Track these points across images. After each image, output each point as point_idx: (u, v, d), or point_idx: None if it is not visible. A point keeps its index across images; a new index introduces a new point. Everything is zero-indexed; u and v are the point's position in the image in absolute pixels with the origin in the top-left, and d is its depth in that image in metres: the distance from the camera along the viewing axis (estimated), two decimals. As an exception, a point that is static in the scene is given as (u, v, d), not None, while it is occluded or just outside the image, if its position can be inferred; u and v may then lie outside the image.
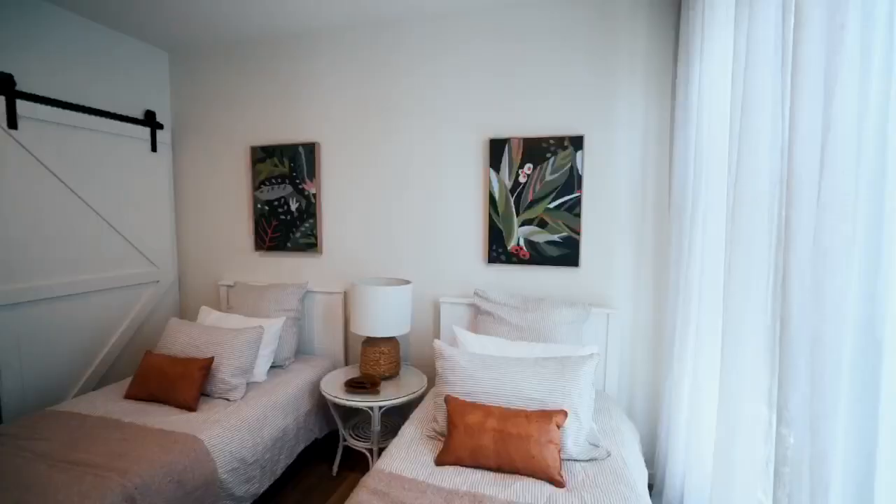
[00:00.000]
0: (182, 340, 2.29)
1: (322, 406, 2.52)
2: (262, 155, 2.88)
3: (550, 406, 1.69)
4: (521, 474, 1.55)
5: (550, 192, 2.39)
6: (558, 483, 1.50)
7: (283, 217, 2.89)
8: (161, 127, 2.98)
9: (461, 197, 2.56)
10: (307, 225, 2.84)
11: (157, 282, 3.02)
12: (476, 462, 1.59)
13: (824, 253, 0.89)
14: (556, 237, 2.40)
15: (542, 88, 2.37)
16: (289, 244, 2.89)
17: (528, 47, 2.37)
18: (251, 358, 2.26)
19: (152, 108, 2.96)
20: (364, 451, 2.31)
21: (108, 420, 1.91)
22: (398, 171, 2.66)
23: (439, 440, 1.78)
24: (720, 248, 1.55)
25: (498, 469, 1.57)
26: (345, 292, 2.81)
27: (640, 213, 2.30)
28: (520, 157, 2.42)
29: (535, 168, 2.40)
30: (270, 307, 2.67)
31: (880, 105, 0.83)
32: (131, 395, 2.15)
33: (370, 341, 2.44)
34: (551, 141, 2.36)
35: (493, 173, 2.47)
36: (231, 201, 3.02)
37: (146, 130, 2.90)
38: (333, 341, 2.83)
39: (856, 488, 0.87)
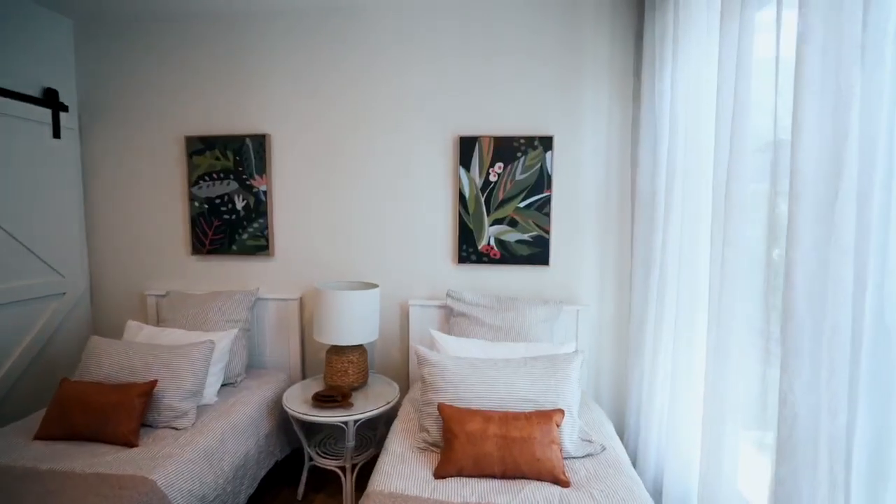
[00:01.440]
0: (111, 362, 1.93)
1: (283, 425, 2.29)
2: (201, 146, 2.54)
3: (545, 406, 1.68)
4: (527, 478, 1.52)
5: (521, 192, 2.40)
6: (564, 483, 1.50)
7: (226, 217, 2.57)
8: (65, 109, 2.50)
9: (430, 195, 2.48)
10: (256, 225, 2.56)
11: (64, 294, 2.53)
12: (480, 471, 1.53)
13: (843, 251, 0.96)
14: (526, 236, 2.42)
15: (513, 88, 2.37)
16: (234, 247, 2.58)
17: (499, 47, 2.36)
18: (201, 378, 1.98)
19: (53, 87, 2.46)
20: (335, 469, 2.13)
21: (17, 470, 1.54)
22: (361, 166, 2.50)
23: (433, 451, 1.69)
24: (700, 244, 1.65)
25: (503, 475, 1.52)
26: (301, 298, 2.58)
27: (605, 212, 2.39)
28: (490, 155, 2.40)
29: (505, 167, 2.39)
30: (216, 318, 2.36)
31: (890, 111, 0.92)
32: (44, 435, 1.76)
33: (336, 350, 2.26)
34: (522, 140, 2.37)
35: (463, 171, 2.42)
36: (160, 199, 2.63)
37: (46, 112, 2.41)
38: (289, 353, 2.58)
39: (870, 460, 0.96)
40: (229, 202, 2.56)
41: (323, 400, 2.10)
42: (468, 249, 2.46)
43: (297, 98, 2.49)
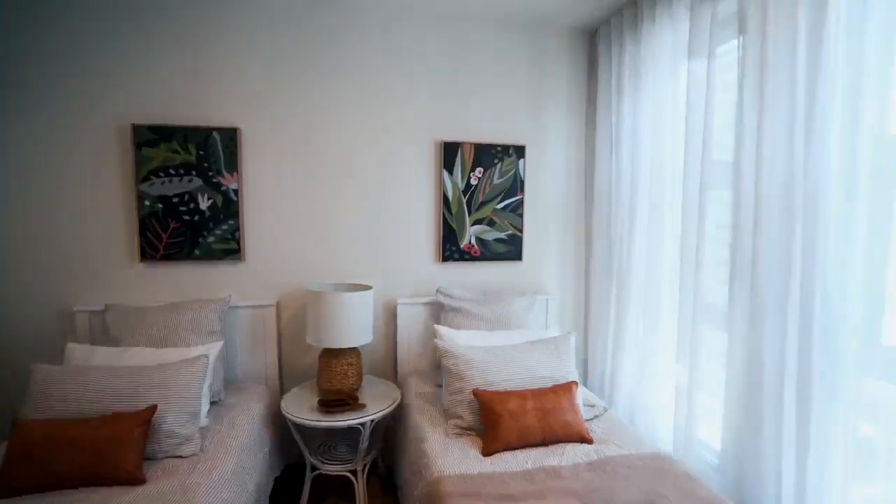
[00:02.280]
0: (87, 391, 1.63)
1: (279, 440, 2.16)
2: (153, 137, 2.21)
3: (559, 380, 1.96)
4: (562, 441, 1.76)
5: (498, 195, 2.64)
6: (589, 440, 1.79)
7: (187, 217, 2.28)
8: (-52, 79, 1.95)
9: (414, 196, 2.56)
10: (226, 227, 2.33)
11: (-47, 318, 1.97)
12: (523, 442, 1.73)
13: (798, 244, 1.41)
14: (503, 235, 2.67)
15: (491, 101, 2.59)
16: (197, 251, 2.31)
17: (479, 64, 2.56)
18: (199, 397, 1.79)
19: (-69, 49, 1.90)
20: (346, 474, 2.10)
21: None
22: (343, 167, 2.46)
23: (469, 435, 1.83)
24: (665, 239, 2.10)
25: (542, 442, 1.75)
26: (277, 304, 2.43)
27: (566, 213, 2.78)
28: (471, 161, 2.59)
29: (484, 171, 2.61)
30: (186, 332, 2.10)
31: (832, 142, 1.39)
32: (9, 491, 1.41)
33: (335, 353, 2.21)
34: (499, 148, 2.61)
35: (446, 175, 2.56)
36: (94, 196, 2.21)
37: (-75, 82, 1.85)
38: (265, 363, 2.41)
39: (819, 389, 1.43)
40: (191, 201, 2.28)
41: (331, 405, 2.05)
42: (451, 248, 2.61)
43: (274, 93, 2.34)
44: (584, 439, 1.79)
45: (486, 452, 1.70)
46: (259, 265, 2.40)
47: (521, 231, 2.69)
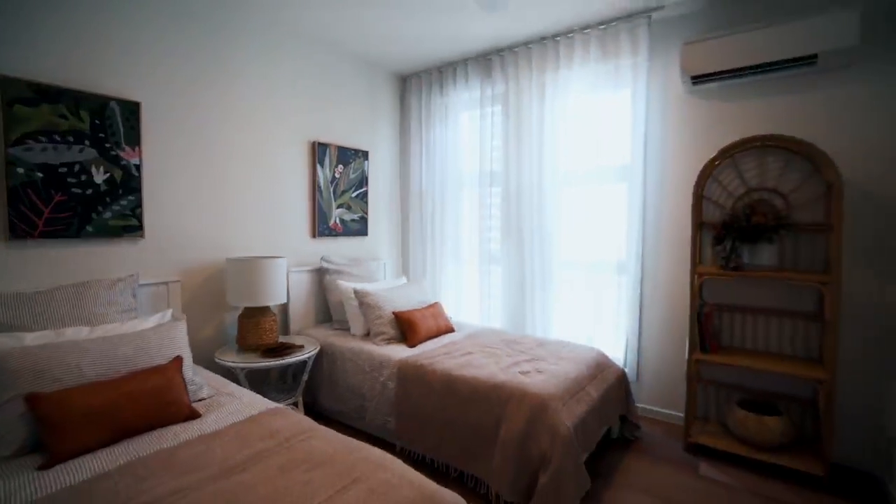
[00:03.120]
0: (100, 360, 1.62)
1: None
2: (31, 95, 1.91)
3: (428, 303, 3.14)
4: (443, 333, 2.96)
5: (352, 186, 3.50)
6: (454, 330, 3.06)
7: (77, 191, 2.06)
8: None
9: (296, 184, 3.09)
10: (125, 203, 2.22)
11: None
12: (428, 336, 2.82)
13: (528, 216, 3.18)
14: (356, 216, 3.55)
15: (347, 114, 3.42)
16: (89, 228, 2.11)
17: (339, 83, 3.33)
18: (189, 352, 1.96)
19: None
20: (290, 405, 2.55)
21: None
22: (238, 154, 2.73)
23: (393, 342, 2.75)
24: (464, 215, 3.60)
25: (436, 334, 2.89)
26: (181, 282, 2.48)
27: (391, 203, 3.91)
28: (335, 158, 3.34)
29: (344, 168, 3.41)
30: (106, 310, 2.02)
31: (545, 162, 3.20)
32: (64, 454, 1.39)
33: (262, 313, 2.58)
34: (353, 151, 3.47)
35: (319, 167, 3.22)
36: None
37: None
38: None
39: (543, 284, 3.24)
40: (83, 173, 2.07)
41: (277, 351, 2.48)
42: (322, 226, 3.28)
43: (179, 72, 2.39)
44: (452, 330, 3.05)
45: (412, 345, 2.70)
46: (161, 242, 2.39)
47: (367, 214, 3.64)
